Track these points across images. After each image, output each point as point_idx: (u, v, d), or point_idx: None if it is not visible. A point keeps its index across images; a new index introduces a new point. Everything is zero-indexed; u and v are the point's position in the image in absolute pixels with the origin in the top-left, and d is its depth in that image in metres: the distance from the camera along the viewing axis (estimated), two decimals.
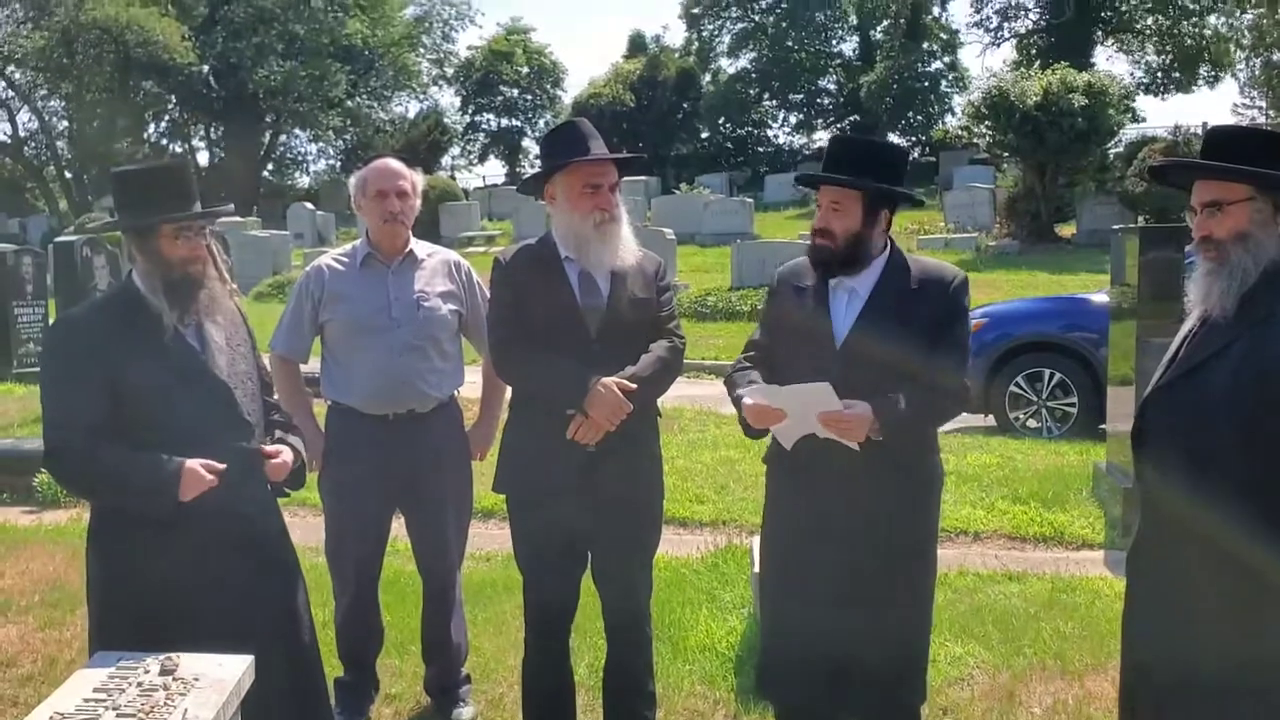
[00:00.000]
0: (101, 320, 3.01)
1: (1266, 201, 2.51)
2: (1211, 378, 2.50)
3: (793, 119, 45.29)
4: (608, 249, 3.49)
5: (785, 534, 3.24)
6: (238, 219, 26.46)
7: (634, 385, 3.37)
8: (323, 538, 4.03)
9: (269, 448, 3.10)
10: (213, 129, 46.11)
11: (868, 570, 3.09)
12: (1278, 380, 2.40)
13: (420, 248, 3.98)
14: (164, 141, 45.69)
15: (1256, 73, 30.30)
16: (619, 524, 3.48)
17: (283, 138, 47.20)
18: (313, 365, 4.06)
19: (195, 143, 46.92)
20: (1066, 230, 22.78)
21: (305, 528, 5.29)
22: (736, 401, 3.22)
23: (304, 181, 47.40)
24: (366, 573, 3.94)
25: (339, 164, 47.57)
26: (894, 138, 40.65)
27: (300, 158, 49.21)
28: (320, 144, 48.02)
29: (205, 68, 41.90)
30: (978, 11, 41.60)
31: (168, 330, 2.96)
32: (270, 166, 47.15)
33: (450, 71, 48.41)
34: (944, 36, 41.72)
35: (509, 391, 3.71)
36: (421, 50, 47.99)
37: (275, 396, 3.36)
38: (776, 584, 3.29)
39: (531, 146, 48.88)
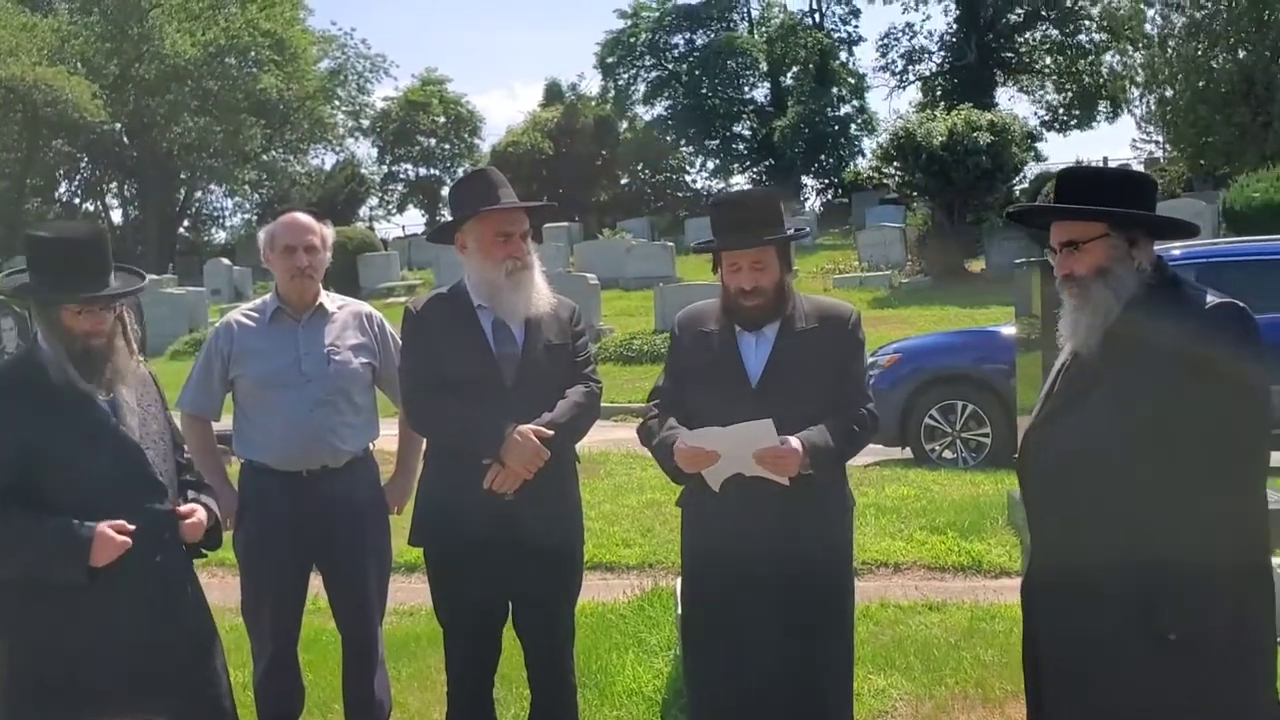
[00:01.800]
0: (9, 383, 2.97)
1: (1121, 238, 2.63)
2: (1085, 410, 2.62)
3: (710, 164, 45.95)
4: (521, 297, 3.53)
5: (707, 574, 3.27)
6: (154, 276, 25.97)
7: (551, 432, 3.40)
8: (240, 598, 3.96)
9: (182, 508, 3.06)
10: (126, 186, 45.32)
11: (791, 603, 3.14)
12: (1149, 405, 2.50)
13: (330, 300, 3.96)
14: (76, 200, 44.80)
15: (1152, 108, 31.42)
16: (540, 572, 3.49)
17: (198, 193, 46.59)
18: (225, 423, 4.02)
19: (109, 200, 46.11)
20: (976, 265, 23.33)
21: (224, 588, 5.18)
22: (661, 448, 3.24)
23: (220, 237, 46.81)
24: (285, 632, 3.87)
25: (255, 218, 47.00)
26: (808, 180, 41.47)
27: (216, 213, 48.63)
28: (236, 199, 47.51)
29: (118, 125, 41.25)
30: (883, 56, 42.77)
31: (76, 393, 2.92)
32: (186, 223, 46.44)
33: (366, 123, 48.26)
34: (851, 81, 42.71)
35: (425, 443, 3.71)
36: (337, 102, 47.77)
37: (187, 455, 3.32)
38: (701, 625, 3.31)
39: None
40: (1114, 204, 2.62)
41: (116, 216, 44.95)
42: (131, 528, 2.85)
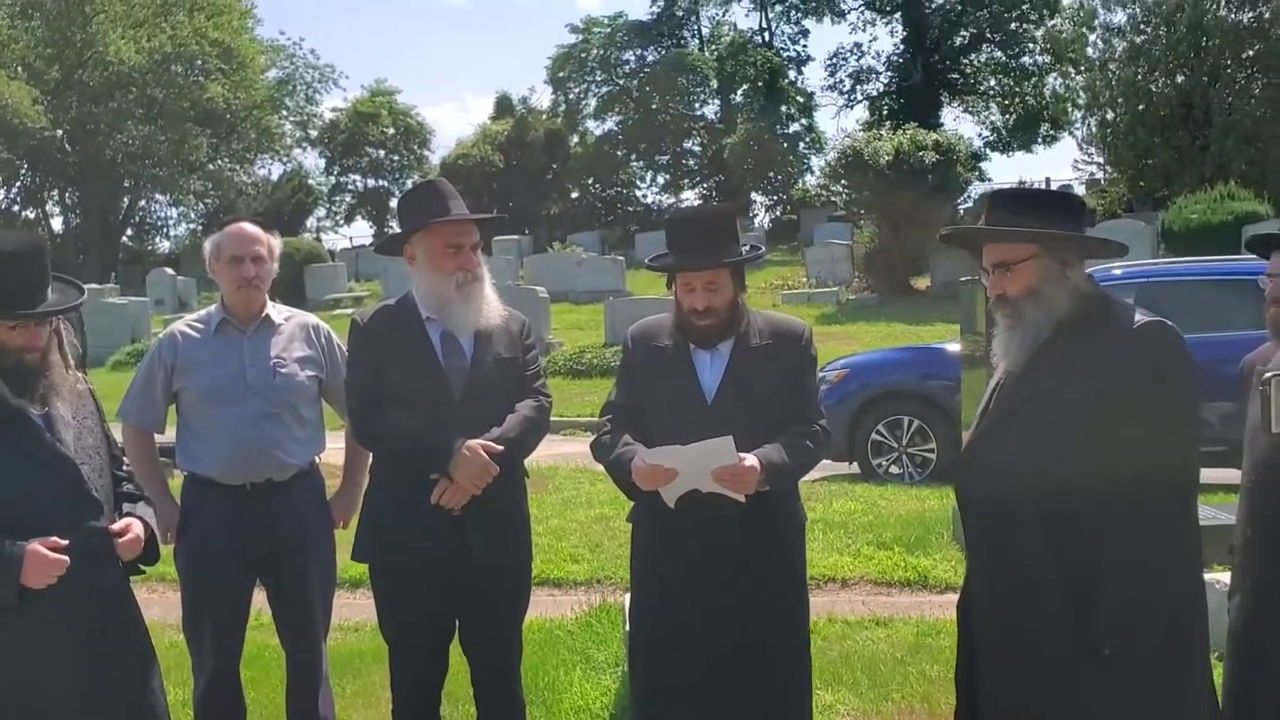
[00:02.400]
0: None
1: (1052, 258, 2.67)
2: (1018, 429, 2.66)
3: (660, 179, 46.10)
4: (471, 309, 3.51)
5: (658, 590, 3.26)
6: (95, 285, 25.52)
7: (500, 447, 3.37)
8: (181, 614, 3.88)
9: (116, 525, 2.98)
10: (68, 194, 44.49)
11: (746, 616, 3.14)
12: (1079, 424, 2.54)
13: (277, 312, 3.91)
14: (15, 208, 43.89)
15: (1093, 130, 32.06)
16: (487, 588, 3.46)
17: (142, 202, 45.85)
18: (168, 435, 3.94)
19: (49, 208, 45.22)
20: (922, 283, 23.62)
21: (164, 604, 5.08)
22: (617, 464, 3.22)
23: (165, 246, 46.08)
24: (226, 648, 3.79)
25: (200, 228, 46.35)
26: (756, 197, 41.74)
27: (161, 222, 47.87)
28: (181, 208, 46.81)
29: (59, 132, 40.51)
30: (832, 75, 43.23)
31: (7, 408, 2.85)
32: (129, 232, 45.68)
33: (314, 133, 47.84)
34: (800, 100, 43.10)
35: (372, 456, 3.66)
36: (285, 112, 47.32)
37: (127, 468, 3.25)
38: (650, 642, 3.30)
39: None
40: (1045, 224, 2.66)
41: (57, 224, 44.13)
42: (65, 544, 2.78)
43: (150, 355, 3.92)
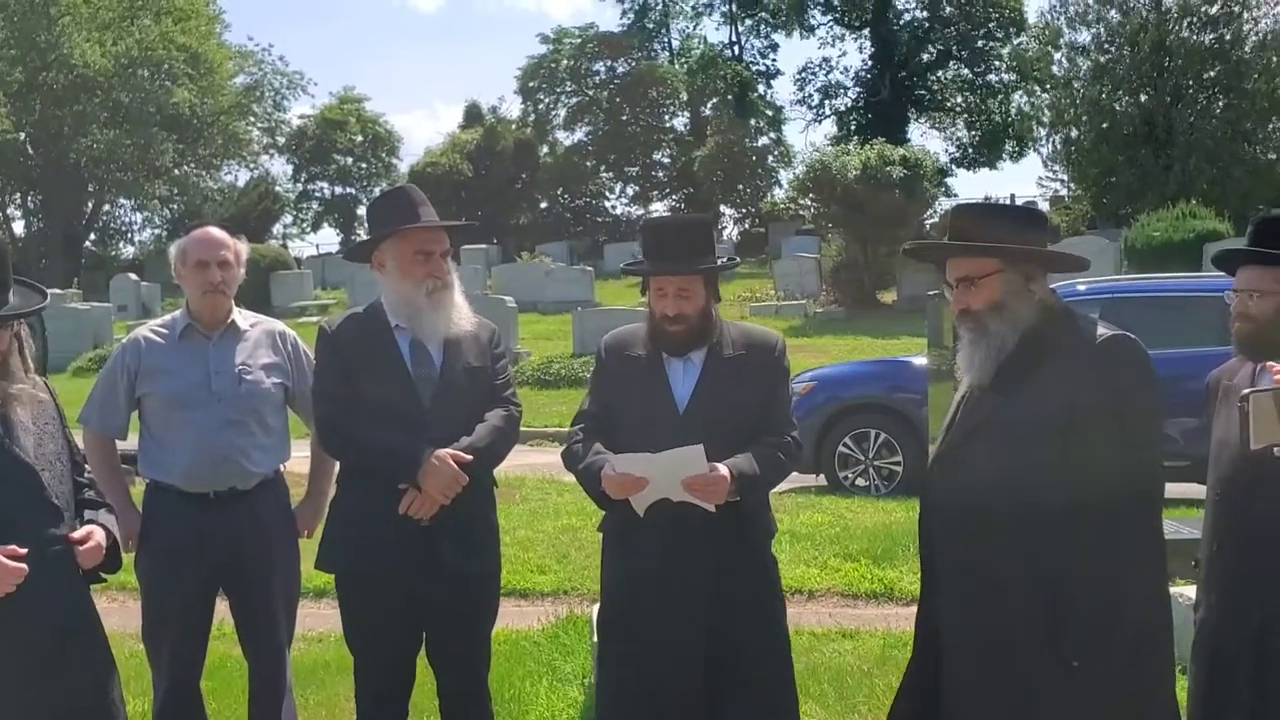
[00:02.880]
0: None
1: (1016, 272, 2.69)
2: (983, 442, 2.68)
3: (629, 190, 46.18)
4: (441, 317, 3.48)
5: (627, 602, 3.23)
6: (57, 290, 25.20)
7: (470, 457, 3.35)
8: (140, 624, 3.82)
9: (76, 534, 2.93)
10: (30, 198, 43.92)
11: (717, 626, 3.12)
12: (1044, 438, 2.56)
13: (243, 318, 3.86)
14: None
15: (1057, 148, 32.44)
16: (455, 599, 3.42)
17: (106, 207, 45.36)
18: (130, 442, 3.88)
19: (11, 211, 44.61)
20: (888, 297, 23.78)
21: (124, 613, 5.01)
22: (587, 473, 3.20)
23: (128, 252, 45.60)
24: (187, 659, 3.72)
25: (165, 233, 45.92)
26: (725, 209, 41.85)
27: (125, 227, 47.38)
28: (146, 213, 46.35)
29: (22, 135, 40.01)
30: (801, 90, 43.47)
31: None
32: (93, 236, 45.16)
33: (282, 140, 47.56)
34: (769, 113, 43.33)
35: (338, 465, 3.62)
36: (252, 119, 46.99)
37: (88, 475, 3.19)
38: (617, 654, 3.26)
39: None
40: (1008, 239, 2.68)
41: (19, 228, 43.56)
42: (23, 552, 2.73)
43: (113, 360, 3.86)
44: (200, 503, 3.66)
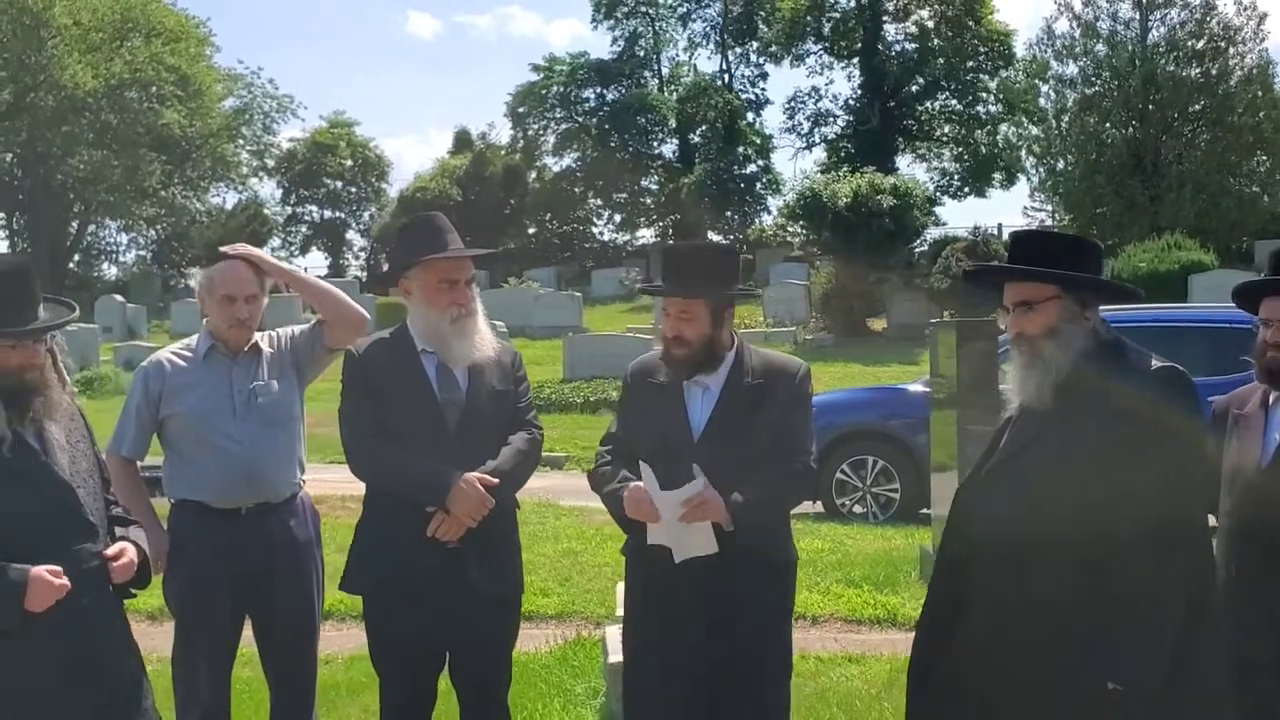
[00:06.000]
0: None
1: (1073, 299, 2.76)
2: (1031, 464, 2.73)
3: (617, 217, 46.34)
4: (465, 343, 3.54)
5: (649, 622, 3.28)
6: None
7: (496, 480, 3.39)
8: (166, 646, 3.81)
9: (110, 550, 2.97)
10: (16, 218, 43.80)
11: (732, 654, 3.18)
12: (1093, 462, 2.62)
13: (265, 339, 3.91)
14: None
15: (1044, 178, 32.78)
16: (481, 620, 3.47)
17: (91, 227, 45.24)
18: (147, 463, 3.91)
19: None
20: (878, 324, 23.92)
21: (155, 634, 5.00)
22: (611, 498, 3.26)
23: (111, 273, 45.51)
24: (221, 680, 3.72)
25: (150, 255, 45.86)
26: (713, 236, 42.03)
27: (110, 248, 47.27)
28: (132, 234, 46.25)
29: (9, 156, 39.94)
30: (790, 118, 43.77)
31: (2, 429, 2.84)
32: (76, 257, 45.01)
33: (271, 163, 47.60)
34: (758, 141, 43.60)
35: (366, 487, 3.63)
36: (241, 141, 47.01)
37: (113, 492, 3.23)
38: (643, 671, 3.31)
39: (355, 239, 48.34)
40: (1064, 267, 2.75)
41: (3, 248, 43.37)
42: (63, 573, 2.76)
43: (136, 385, 3.86)
44: (231, 519, 3.68)
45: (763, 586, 3.25)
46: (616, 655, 4.43)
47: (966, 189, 41.04)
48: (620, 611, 5.19)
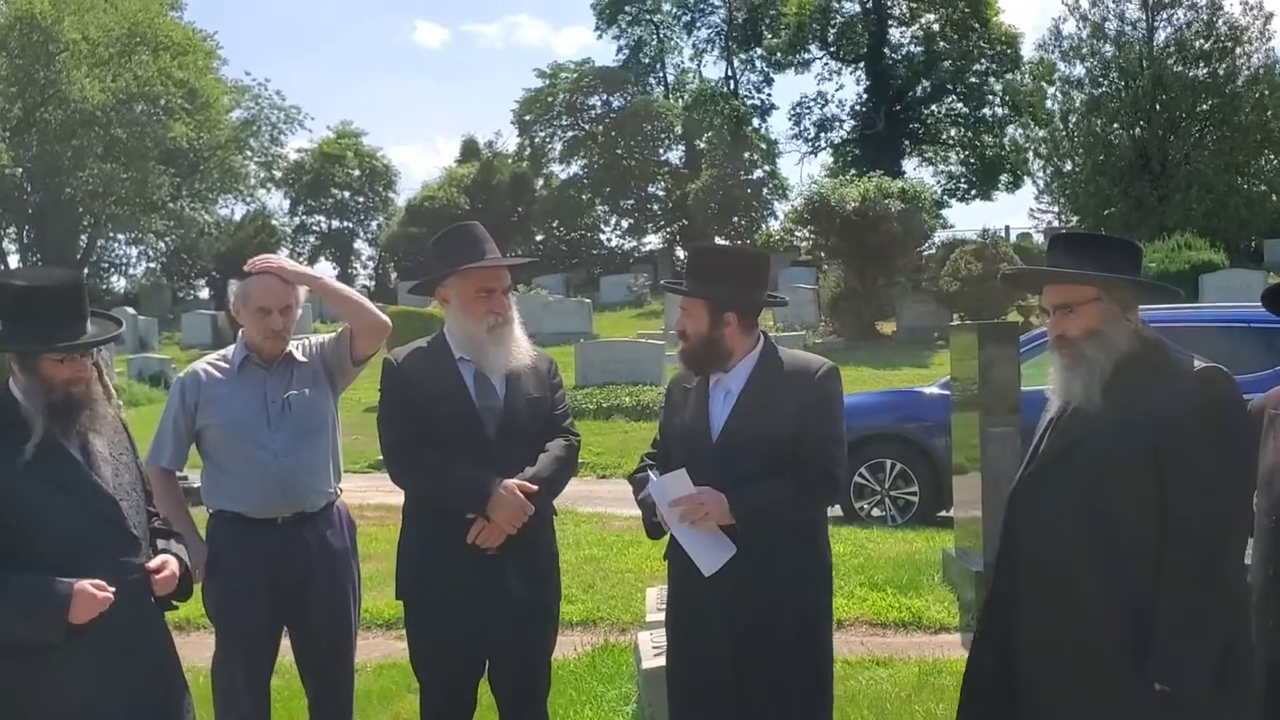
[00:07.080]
0: None
1: (1113, 301, 2.78)
2: (1077, 464, 2.74)
3: (624, 223, 46.42)
4: (503, 351, 3.57)
5: (688, 628, 3.30)
6: None
7: (535, 487, 3.42)
8: (193, 655, 3.84)
9: (152, 563, 3.00)
10: (26, 231, 43.94)
11: (769, 656, 3.18)
12: (1138, 462, 2.64)
13: (299, 349, 3.94)
14: None
15: (1050, 180, 32.77)
16: (520, 626, 3.50)
17: (101, 241, 45.38)
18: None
19: (6, 245, 44.64)
20: (887, 327, 23.92)
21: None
22: (642, 505, 3.31)
23: (120, 285, 45.63)
24: (260, 691, 3.75)
25: (159, 267, 45.98)
26: (720, 241, 42.06)
27: (120, 261, 47.41)
28: (141, 247, 46.40)
29: (19, 170, 40.10)
30: (796, 124, 43.85)
31: (47, 442, 2.87)
32: (86, 270, 45.13)
33: (279, 174, 47.74)
34: (764, 146, 43.66)
35: (405, 495, 3.66)
36: (249, 153, 47.16)
37: (154, 504, 3.26)
38: (680, 676, 3.33)
39: (364, 249, 48.53)
40: (1104, 268, 2.77)
41: (14, 262, 43.48)
42: (107, 586, 2.80)
43: (173, 398, 3.90)
44: (268, 529, 3.72)
45: (793, 590, 3.24)
46: (649, 661, 4.46)
47: (973, 192, 41.08)
48: (650, 617, 5.24)
